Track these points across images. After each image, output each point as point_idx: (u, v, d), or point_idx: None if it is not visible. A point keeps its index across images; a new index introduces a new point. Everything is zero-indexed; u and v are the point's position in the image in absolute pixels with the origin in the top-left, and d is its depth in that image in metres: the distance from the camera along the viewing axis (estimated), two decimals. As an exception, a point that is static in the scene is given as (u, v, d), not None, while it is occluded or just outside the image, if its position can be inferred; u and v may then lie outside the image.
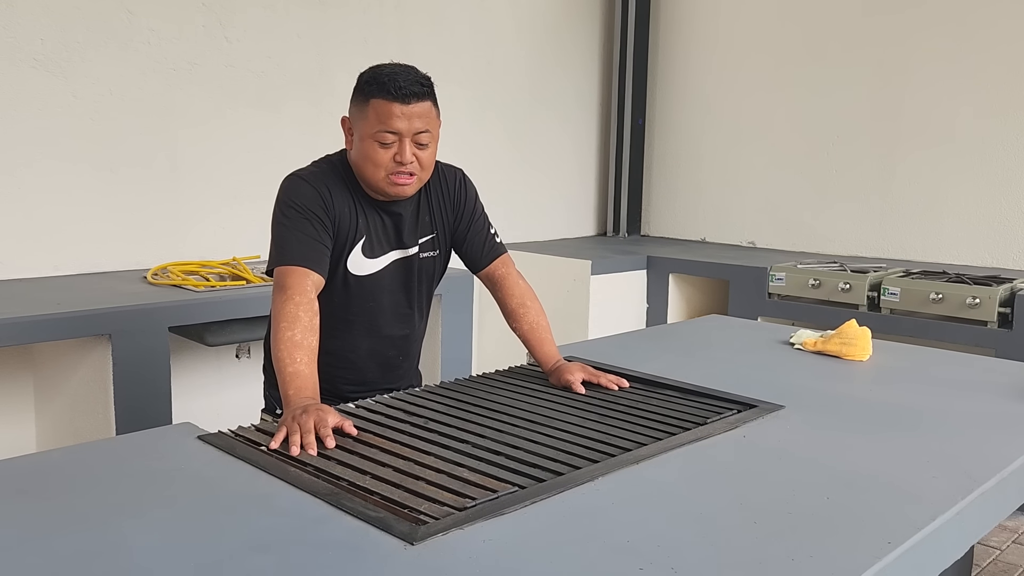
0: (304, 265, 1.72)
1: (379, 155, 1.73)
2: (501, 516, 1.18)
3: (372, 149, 1.73)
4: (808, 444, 1.51)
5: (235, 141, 3.53)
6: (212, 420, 2.27)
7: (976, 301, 3.28)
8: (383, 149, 1.73)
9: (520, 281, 2.00)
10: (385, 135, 1.71)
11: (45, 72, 3.02)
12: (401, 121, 1.71)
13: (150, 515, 1.16)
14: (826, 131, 4.52)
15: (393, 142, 1.72)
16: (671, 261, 4.29)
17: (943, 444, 1.54)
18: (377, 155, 1.73)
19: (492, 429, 1.56)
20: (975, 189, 4.06)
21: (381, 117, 1.71)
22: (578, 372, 1.85)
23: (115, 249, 3.24)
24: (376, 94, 1.71)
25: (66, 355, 2.78)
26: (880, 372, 2.07)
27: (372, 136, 1.72)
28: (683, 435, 1.53)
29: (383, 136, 1.72)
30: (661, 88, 5.20)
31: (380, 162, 1.73)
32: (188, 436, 1.48)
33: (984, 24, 3.97)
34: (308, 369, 1.61)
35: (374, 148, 1.73)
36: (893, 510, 1.23)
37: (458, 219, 1.95)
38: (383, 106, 1.70)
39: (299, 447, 1.40)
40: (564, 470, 1.35)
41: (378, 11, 3.97)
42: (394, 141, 1.72)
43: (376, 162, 1.74)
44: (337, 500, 1.21)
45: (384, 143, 1.72)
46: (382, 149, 1.73)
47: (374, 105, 1.71)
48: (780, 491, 1.29)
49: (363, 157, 1.75)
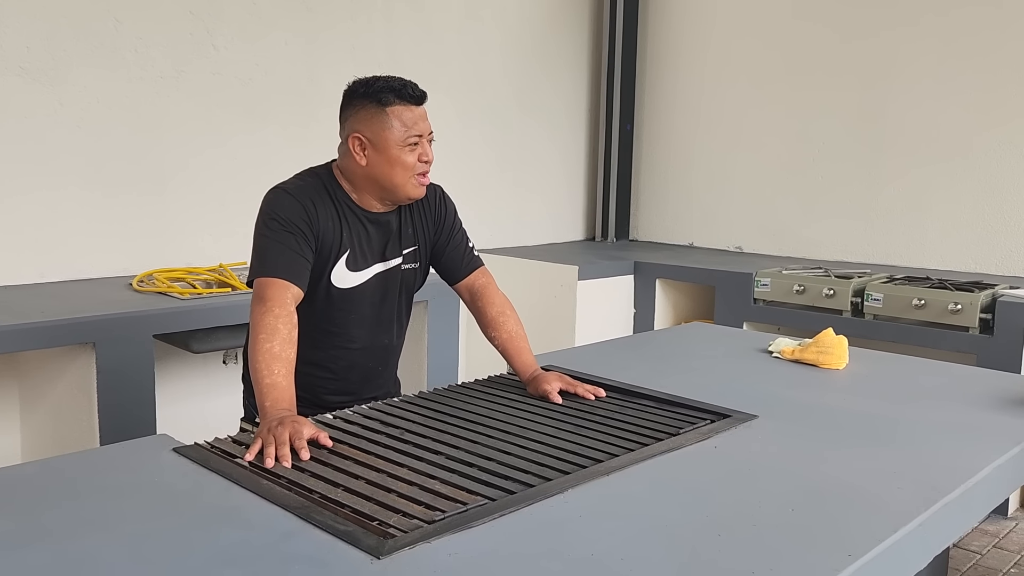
0: (285, 277, 1.73)
1: (409, 159, 1.80)
2: (469, 529, 1.19)
3: (403, 155, 1.79)
4: (778, 454, 1.53)
5: (222, 148, 3.54)
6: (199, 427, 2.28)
7: (958, 307, 3.31)
8: (412, 153, 1.80)
9: (499, 292, 2.02)
10: (413, 138, 1.79)
11: (31, 80, 3.03)
12: (423, 122, 1.81)
13: (119, 529, 1.17)
14: (813, 137, 4.55)
15: (418, 143, 1.80)
16: (658, 267, 4.31)
17: (913, 454, 1.55)
18: (408, 159, 1.79)
19: (467, 440, 1.57)
20: (959, 195, 4.09)
21: (406, 122, 1.78)
22: (555, 381, 1.86)
23: (100, 256, 3.25)
24: (394, 102, 1.77)
25: (51, 363, 2.79)
26: (855, 381, 2.09)
27: (402, 142, 1.78)
28: (655, 446, 1.55)
29: (412, 140, 1.79)
30: (650, 93, 5.22)
31: (410, 166, 1.80)
32: (164, 448, 1.50)
33: (965, 32, 4.01)
34: (285, 381, 1.62)
35: (405, 153, 1.79)
36: (856, 521, 1.25)
37: (438, 232, 1.98)
38: (405, 111, 1.78)
39: (274, 459, 1.41)
40: (535, 482, 1.37)
41: (366, 19, 3.99)
42: (419, 141, 1.80)
43: (406, 167, 1.80)
44: (307, 513, 1.22)
45: (414, 146, 1.80)
46: (411, 153, 1.80)
47: (395, 112, 1.77)
48: (746, 502, 1.31)
49: (391, 164, 1.79)
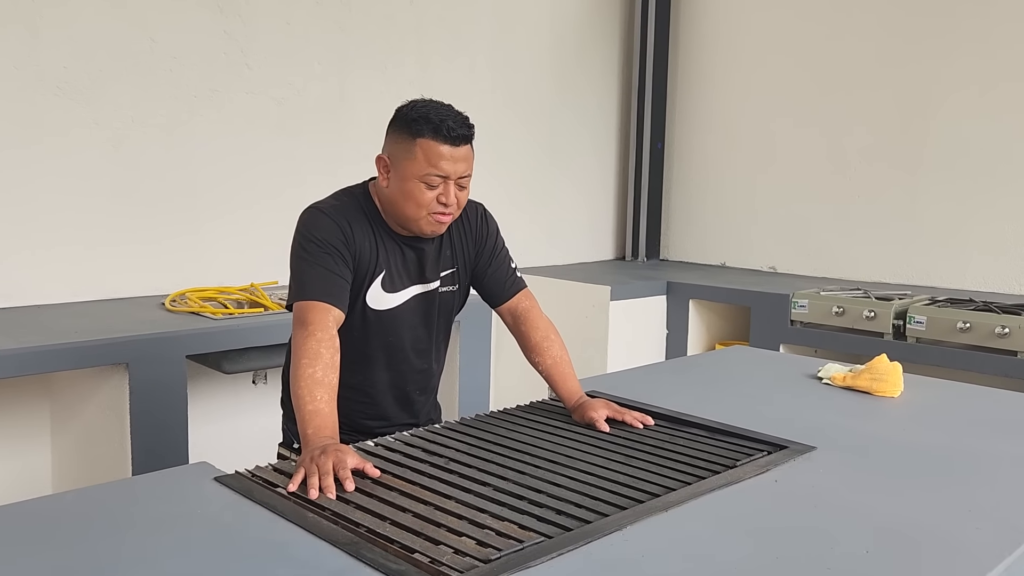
0: (325, 300, 1.68)
1: (424, 196, 1.71)
2: (527, 569, 1.13)
3: (418, 190, 1.71)
4: (843, 490, 1.46)
5: (254, 167, 3.53)
6: (229, 448, 2.24)
7: (1005, 330, 3.21)
8: (429, 191, 1.71)
9: (543, 315, 1.97)
10: (433, 178, 1.69)
11: (67, 99, 3.03)
12: (449, 164, 1.69)
13: (164, 565, 1.12)
14: (848, 155, 4.47)
15: (439, 184, 1.70)
16: (691, 287, 4.23)
17: (984, 490, 1.48)
18: (423, 196, 1.71)
19: (514, 471, 1.51)
20: (1001, 215, 3.98)
21: (431, 159, 1.68)
22: (602, 409, 1.80)
23: (133, 275, 3.24)
24: (426, 134, 1.68)
25: (83, 383, 2.77)
26: (913, 410, 2.01)
27: (419, 177, 1.70)
28: (713, 479, 1.48)
29: (431, 179, 1.69)
30: (680, 112, 5.17)
31: (423, 203, 1.71)
32: (205, 477, 1.45)
33: (1007, 47, 3.92)
34: (328, 407, 1.57)
35: (419, 189, 1.70)
36: (936, 566, 1.17)
37: (479, 254, 1.93)
38: (433, 148, 1.68)
39: (318, 490, 1.37)
40: (591, 517, 1.30)
41: (398, 37, 3.97)
42: (440, 183, 1.70)
43: (420, 203, 1.71)
44: (356, 550, 1.17)
45: (431, 185, 1.70)
46: (428, 191, 1.71)
47: (423, 145, 1.68)
48: (817, 543, 1.24)
49: (405, 196, 1.72)
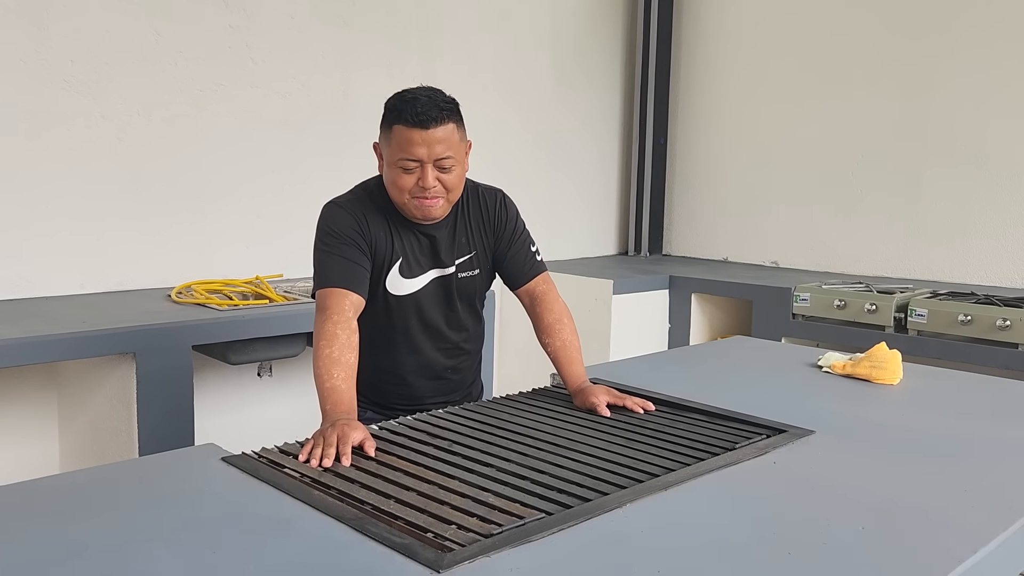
0: (342, 286, 1.76)
1: (403, 180, 1.77)
2: (528, 543, 1.15)
3: (396, 175, 1.77)
4: (840, 471, 1.48)
5: (259, 161, 3.56)
6: (234, 438, 2.27)
7: (1007, 323, 3.22)
8: (406, 175, 1.76)
9: (559, 299, 2.02)
10: (407, 162, 1.74)
11: (74, 93, 3.06)
12: (421, 148, 1.73)
13: (173, 539, 1.15)
14: (850, 150, 4.48)
15: (415, 168, 1.75)
16: (694, 281, 4.25)
17: (981, 471, 1.49)
18: (401, 180, 1.77)
19: (517, 452, 1.54)
20: (1003, 209, 3.99)
21: (402, 144, 1.73)
22: (603, 395, 1.83)
23: (139, 267, 3.26)
24: (396, 121, 1.74)
25: (90, 373, 2.80)
26: (912, 396, 2.03)
27: (396, 163, 1.76)
28: (712, 460, 1.50)
29: (405, 163, 1.75)
30: (683, 107, 5.19)
31: (404, 187, 1.77)
32: (212, 457, 1.48)
33: (1009, 41, 3.93)
34: (345, 384, 1.64)
35: (398, 174, 1.77)
36: (931, 542, 1.19)
37: (499, 239, 1.97)
38: (403, 133, 1.73)
39: (318, 460, 1.43)
40: (591, 496, 1.33)
41: (402, 32, 4.00)
42: (416, 167, 1.75)
43: (400, 187, 1.78)
44: (362, 525, 1.19)
45: (407, 169, 1.75)
46: (405, 175, 1.76)
47: (396, 132, 1.74)
48: (814, 521, 1.26)
49: (389, 182, 1.80)
